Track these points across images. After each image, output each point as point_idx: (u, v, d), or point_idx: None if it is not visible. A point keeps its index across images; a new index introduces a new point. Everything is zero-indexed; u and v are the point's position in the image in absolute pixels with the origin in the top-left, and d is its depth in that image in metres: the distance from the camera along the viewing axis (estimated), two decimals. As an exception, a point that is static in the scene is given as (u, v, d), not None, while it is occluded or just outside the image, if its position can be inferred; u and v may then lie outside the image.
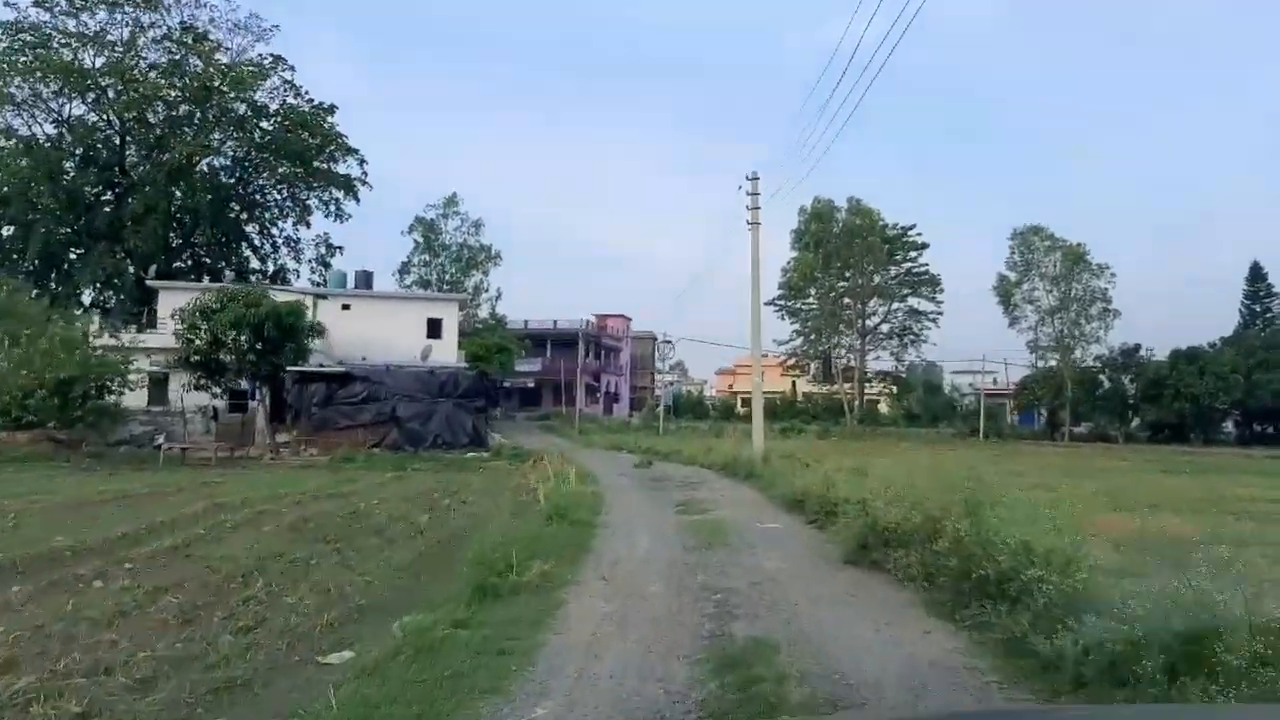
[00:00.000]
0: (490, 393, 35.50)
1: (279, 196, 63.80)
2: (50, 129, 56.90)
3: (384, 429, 32.87)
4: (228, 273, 60.34)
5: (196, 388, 34.01)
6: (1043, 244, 70.60)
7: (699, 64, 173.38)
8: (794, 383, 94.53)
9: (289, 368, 33.02)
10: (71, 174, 56.41)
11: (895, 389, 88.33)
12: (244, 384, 35.23)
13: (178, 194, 57.93)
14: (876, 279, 75.84)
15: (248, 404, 36.55)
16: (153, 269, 56.15)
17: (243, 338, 31.69)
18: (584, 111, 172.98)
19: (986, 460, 20.13)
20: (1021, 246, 71.14)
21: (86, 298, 57.61)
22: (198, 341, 32.32)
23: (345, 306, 50.82)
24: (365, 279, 53.67)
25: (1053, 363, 70.95)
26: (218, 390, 34.50)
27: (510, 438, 52.26)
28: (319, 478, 26.18)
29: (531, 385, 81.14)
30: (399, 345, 42.98)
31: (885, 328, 79.75)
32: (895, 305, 79.42)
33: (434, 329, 51.85)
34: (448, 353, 51.71)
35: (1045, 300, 70.39)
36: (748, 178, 29.62)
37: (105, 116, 57.67)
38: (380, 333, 45.41)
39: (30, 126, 56.21)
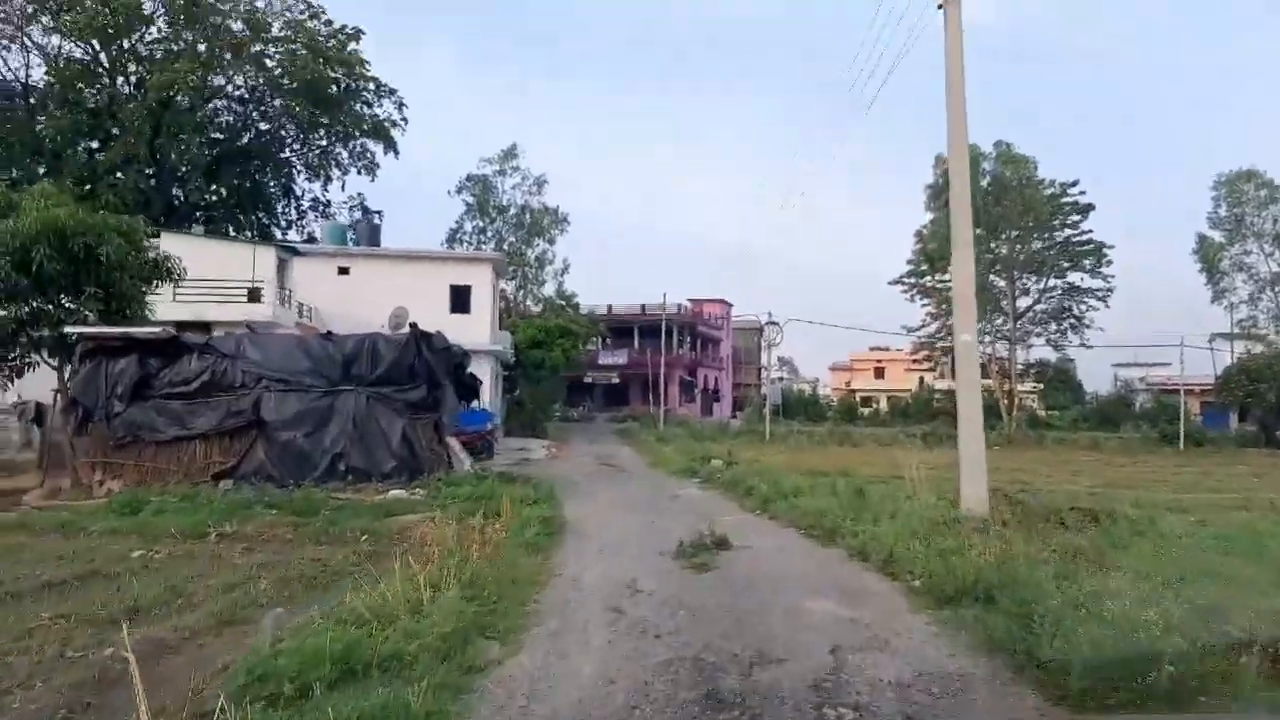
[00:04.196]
0: (455, 373, 18.17)
1: (300, 147, 48.34)
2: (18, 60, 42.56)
3: (242, 443, 16.31)
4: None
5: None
6: (1258, 193, 50.02)
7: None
8: (922, 379, 75.24)
9: (78, 329, 16.59)
10: (52, 116, 41.84)
11: (1042, 385, 67.95)
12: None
13: (176, 141, 42.71)
14: (1037, 244, 56.07)
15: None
16: (131, 231, 41.16)
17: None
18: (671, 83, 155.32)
19: None
20: (1229, 198, 50.79)
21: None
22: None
23: (343, 270, 35.06)
24: (370, 233, 37.50)
25: (1277, 346, 50.29)
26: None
27: (565, 445, 35.60)
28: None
29: (616, 381, 64.30)
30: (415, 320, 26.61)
31: (1040, 308, 59.74)
32: (1053, 281, 59.29)
33: (460, 300, 35.49)
34: (478, 333, 35.19)
35: (1264, 267, 49.86)
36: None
37: (88, 47, 42.93)
38: (388, 303, 29.41)
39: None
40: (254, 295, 28.56)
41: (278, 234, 46.36)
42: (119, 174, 41.64)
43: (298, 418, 16.51)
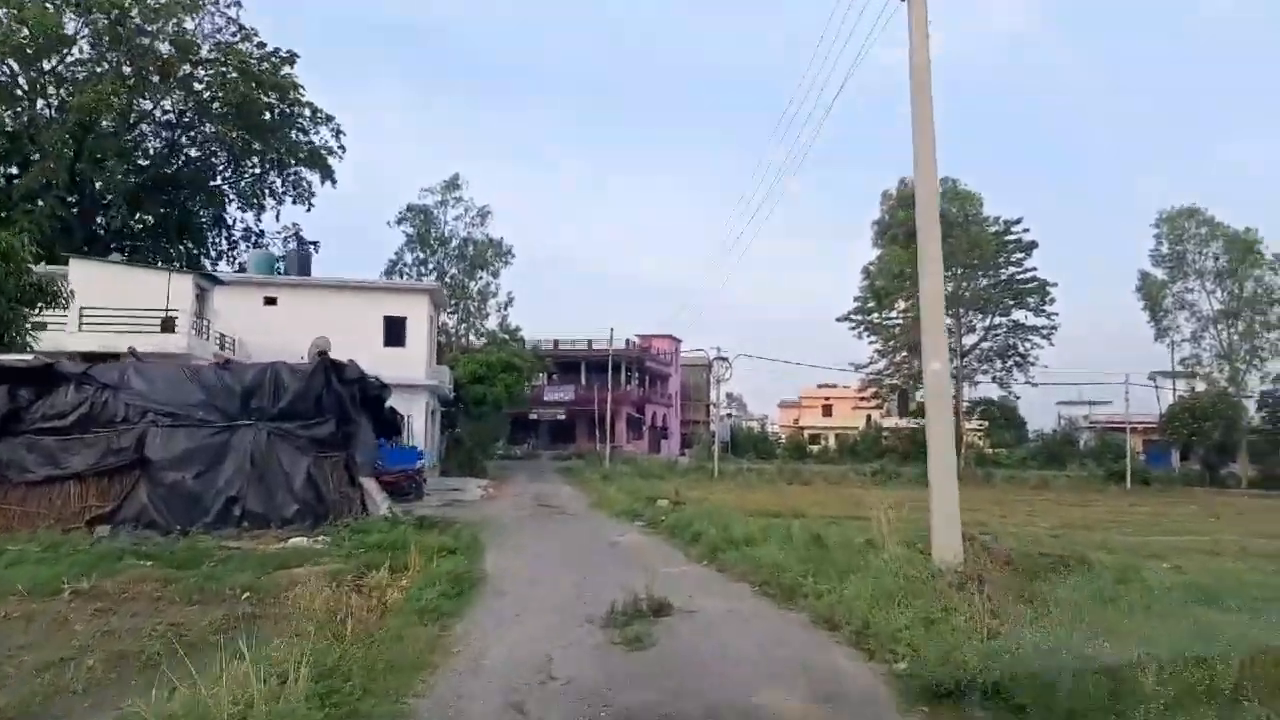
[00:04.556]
0: (373, 407, 16.23)
1: (232, 175, 46.15)
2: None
3: (123, 484, 14.24)
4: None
5: None
6: (1199, 230, 50.03)
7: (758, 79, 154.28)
8: (869, 417, 74.33)
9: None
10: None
11: (987, 423, 67.21)
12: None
13: (99, 167, 40.30)
14: (983, 282, 55.57)
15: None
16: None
17: None
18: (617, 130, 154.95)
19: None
20: (1171, 235, 50.73)
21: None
22: None
23: (269, 300, 32.99)
24: (300, 262, 35.48)
25: (1220, 384, 50.04)
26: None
27: (504, 484, 33.70)
28: None
29: (563, 417, 62.45)
30: (346, 354, 24.58)
31: (985, 345, 59.19)
32: (998, 319, 58.85)
33: (394, 332, 33.60)
34: (413, 367, 33.35)
35: (1205, 304, 49.78)
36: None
37: (5, 68, 40.45)
38: (317, 335, 27.28)
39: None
40: (168, 325, 26.43)
41: (208, 265, 43.99)
42: (38, 200, 39.12)
43: (187, 456, 14.47)
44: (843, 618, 7.65)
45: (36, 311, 17.02)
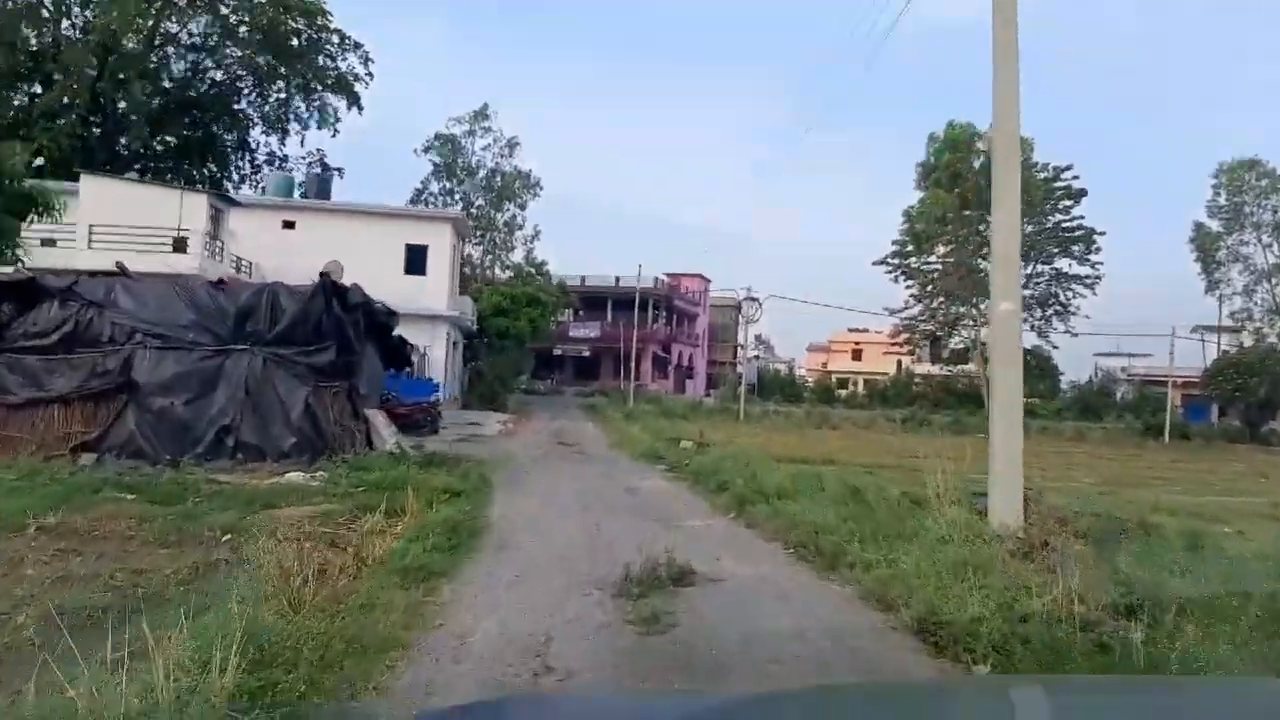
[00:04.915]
0: (380, 335, 14.99)
1: (257, 99, 44.77)
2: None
3: (109, 410, 13.17)
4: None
5: None
6: (1259, 182, 47.47)
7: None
8: (900, 363, 72.56)
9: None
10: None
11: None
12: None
13: (121, 87, 39.12)
14: (1028, 229, 53.06)
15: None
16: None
17: None
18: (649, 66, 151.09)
19: None
20: (1229, 186, 48.16)
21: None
22: None
23: (288, 224, 31.84)
24: (320, 186, 34.20)
25: (1268, 339, 47.94)
26: None
27: (524, 420, 32.65)
28: None
29: (587, 354, 61.30)
30: (366, 282, 23.39)
31: (1027, 294, 56.86)
32: (1041, 267, 56.47)
33: (415, 260, 32.42)
34: (434, 297, 32.22)
35: (1261, 258, 47.40)
36: None
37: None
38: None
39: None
40: (180, 245, 25.34)
41: (230, 189, 42.93)
42: (59, 119, 38.03)
43: (177, 381, 13.36)
44: (899, 597, 6.34)
45: (28, 223, 15.88)
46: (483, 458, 16.85)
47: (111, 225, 25.27)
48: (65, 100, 38.24)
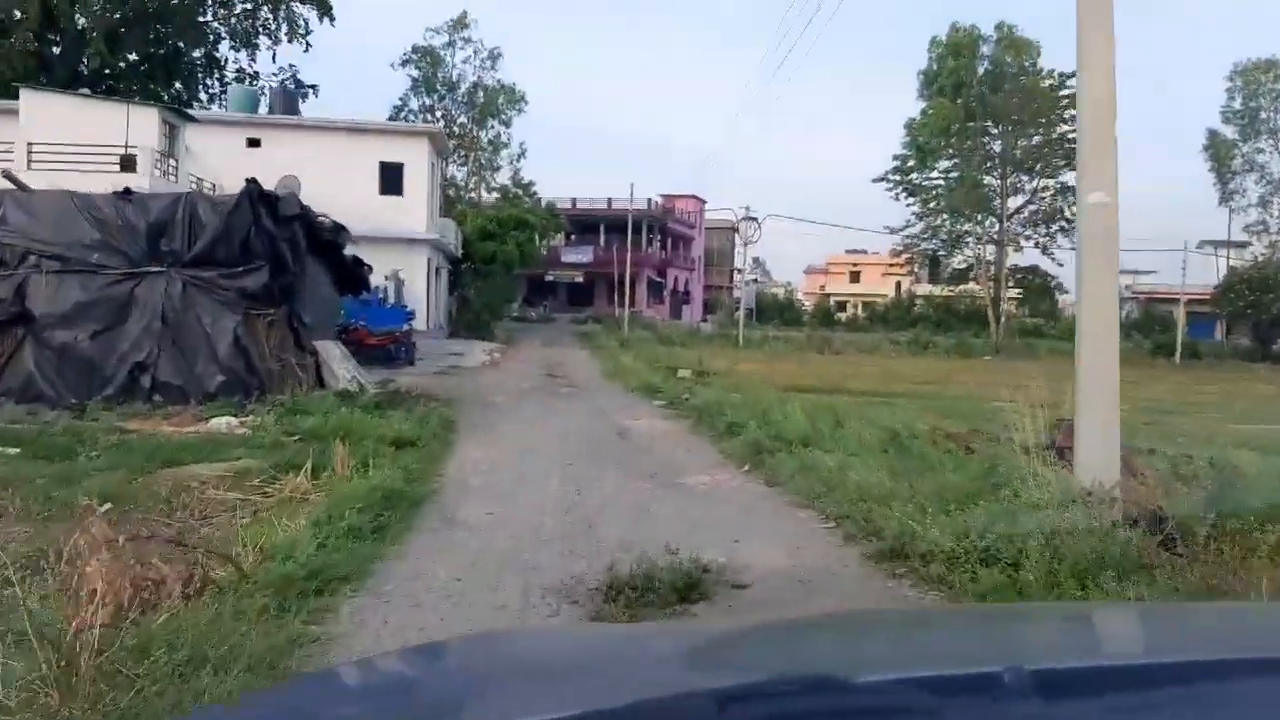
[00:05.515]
0: (328, 253, 12.59)
1: (223, 11, 41.42)
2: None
3: (2, 346, 10.87)
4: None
5: None
6: (1276, 85, 44.68)
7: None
8: (899, 284, 70.24)
9: None
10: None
11: (1022, 291, 62.65)
12: None
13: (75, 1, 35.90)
14: (1035, 139, 50.34)
15: None
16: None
17: None
18: None
19: None
20: (1245, 90, 45.28)
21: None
22: None
23: (253, 142, 29.23)
24: (287, 101, 31.42)
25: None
26: None
27: (513, 349, 30.55)
28: None
29: (580, 280, 58.84)
30: (338, 203, 20.97)
31: (1032, 209, 54.42)
32: (1047, 180, 53.76)
33: (391, 179, 29.92)
34: (412, 219, 29.80)
35: (1278, 166, 44.85)
36: None
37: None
38: (306, 180, 23.78)
39: None
40: (128, 163, 22.82)
41: (198, 109, 39.92)
42: (9, 36, 34.96)
43: (81, 311, 11.13)
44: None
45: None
46: (457, 395, 14.73)
47: (53, 143, 22.83)
48: (12, 14, 35.13)
